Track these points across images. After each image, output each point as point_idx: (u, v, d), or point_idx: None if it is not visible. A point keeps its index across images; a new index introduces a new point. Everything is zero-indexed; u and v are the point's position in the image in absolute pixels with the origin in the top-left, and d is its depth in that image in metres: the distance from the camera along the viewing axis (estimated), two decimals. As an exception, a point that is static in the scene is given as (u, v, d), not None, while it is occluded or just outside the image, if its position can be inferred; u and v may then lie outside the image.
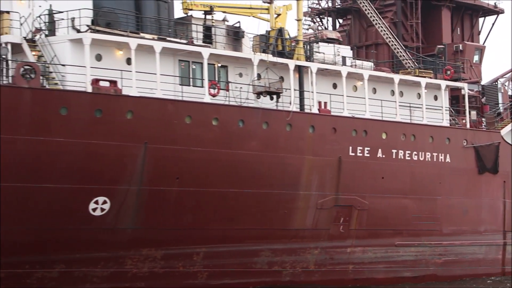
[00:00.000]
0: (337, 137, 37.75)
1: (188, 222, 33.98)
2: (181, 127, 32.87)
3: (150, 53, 33.22)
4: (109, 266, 32.95)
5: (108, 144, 31.19)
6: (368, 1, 50.81)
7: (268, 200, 35.82)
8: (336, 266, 38.81)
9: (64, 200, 31.02)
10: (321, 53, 39.08)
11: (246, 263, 36.15)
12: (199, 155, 33.37)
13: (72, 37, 31.81)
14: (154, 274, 34.03)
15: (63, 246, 31.66)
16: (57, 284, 32.15)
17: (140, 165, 32.04)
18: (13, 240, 30.54)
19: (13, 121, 29.35)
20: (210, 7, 38.64)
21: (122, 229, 32.61)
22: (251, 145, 34.87)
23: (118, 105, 31.31)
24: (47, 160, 30.21)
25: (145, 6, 36.62)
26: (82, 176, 31.07)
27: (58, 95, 30.20)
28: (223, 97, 35.08)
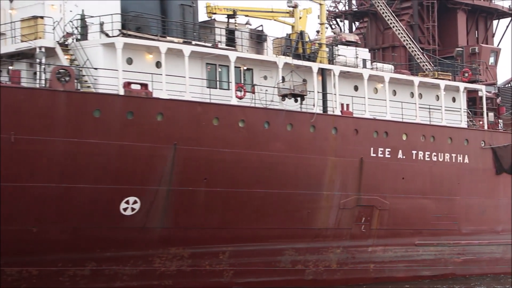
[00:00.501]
0: (359, 139, 38.56)
1: (215, 221, 34.79)
2: (209, 129, 33.69)
3: (179, 57, 34.04)
4: (138, 265, 33.77)
5: (139, 146, 32.02)
6: (385, 4, 51.60)
7: (292, 200, 36.61)
8: (357, 265, 39.60)
9: (97, 200, 31.86)
10: (342, 56, 39.80)
11: (270, 262, 36.94)
12: (226, 156, 34.19)
13: (105, 41, 32.67)
14: (182, 272, 34.83)
15: (95, 245, 32.49)
16: (88, 282, 32.97)
17: (170, 166, 32.86)
18: (48, 239, 31.42)
19: (49, 123, 30.23)
20: (233, 11, 39.51)
21: (151, 228, 33.43)
22: (276, 146, 35.67)
23: (148, 107, 32.16)
24: (81, 161, 31.06)
25: (170, 10, 37.48)
26: (114, 176, 31.91)
27: (92, 98, 31.07)
28: (249, 99, 35.89)
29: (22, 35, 32.84)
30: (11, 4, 35.03)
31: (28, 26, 32.74)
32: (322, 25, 40.21)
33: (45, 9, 33.78)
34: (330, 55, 39.15)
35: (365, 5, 54.75)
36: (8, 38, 34.71)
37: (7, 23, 34.44)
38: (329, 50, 39.25)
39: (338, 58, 39.42)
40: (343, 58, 39.66)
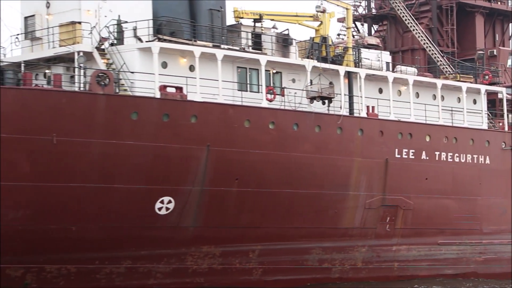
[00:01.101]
0: (384, 140, 39.49)
1: (245, 221, 35.76)
2: (240, 131, 34.67)
3: (211, 60, 35.04)
4: (172, 263, 34.76)
5: (174, 147, 33.02)
6: (405, 7, 52.48)
7: (319, 200, 37.57)
8: (382, 263, 40.53)
9: (133, 200, 32.87)
10: (367, 59, 40.76)
11: (298, 260, 37.90)
12: (257, 157, 35.16)
13: (141, 46, 33.70)
14: (213, 270, 35.83)
15: (130, 243, 33.51)
16: (123, 279, 33.98)
17: (203, 167, 33.84)
18: (86, 237, 32.46)
19: (88, 125, 31.28)
20: (260, 15, 40.48)
21: (184, 227, 34.43)
22: (304, 148, 36.63)
23: (183, 110, 33.17)
24: (118, 162, 32.08)
25: (199, 14, 38.52)
26: (150, 177, 32.91)
27: (130, 101, 32.10)
28: (278, 102, 36.87)
29: (61, 40, 33.89)
30: (47, 9, 36.08)
31: (67, 31, 33.80)
32: (349, 29, 41.19)
33: (81, 14, 34.81)
34: (356, 59, 40.05)
35: (384, 8, 55.68)
36: (45, 43, 35.91)
37: (44, 29, 35.61)
38: (355, 53, 40.15)
39: (363, 61, 40.33)
40: (368, 61, 40.60)
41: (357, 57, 39.92)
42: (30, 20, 36.48)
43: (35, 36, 35.89)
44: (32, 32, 36.05)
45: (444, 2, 54.58)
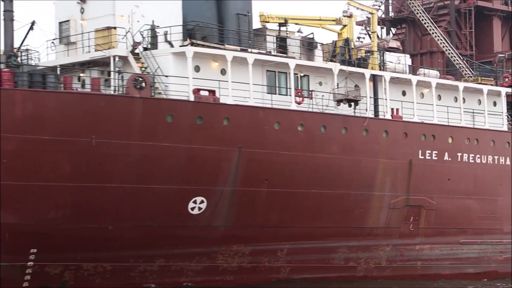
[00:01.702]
0: (408, 141, 40.41)
1: (274, 220, 36.71)
2: (270, 133, 35.65)
3: (241, 64, 36.03)
4: (203, 261, 35.76)
5: (207, 149, 34.00)
6: (424, 11, 53.37)
7: (346, 200, 38.52)
8: (406, 262, 41.46)
9: (167, 200, 33.86)
10: (391, 62, 41.69)
11: (325, 259, 38.88)
12: (286, 158, 36.11)
13: (175, 50, 34.72)
14: (242, 268, 36.80)
15: (164, 242, 34.49)
16: (156, 277, 35.00)
17: (234, 168, 34.81)
18: (121, 236, 33.46)
19: (126, 127, 32.29)
20: (285, 19, 41.50)
21: (216, 227, 35.41)
22: (331, 149, 37.57)
23: (216, 112, 34.17)
24: (154, 164, 33.08)
25: (227, 19, 39.56)
26: (183, 177, 33.90)
27: (165, 104, 33.11)
28: (306, 104, 37.84)
29: (97, 45, 34.94)
30: (82, 15, 37.15)
31: (102, 36, 34.84)
32: (374, 33, 42.17)
33: (115, 20, 35.88)
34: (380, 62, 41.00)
35: (403, 12, 56.56)
36: (79, 48, 36.95)
37: (79, 34, 36.63)
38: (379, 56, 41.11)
39: (388, 64, 41.28)
40: (392, 65, 41.53)
41: (382, 60, 40.82)
42: (65, 25, 37.56)
43: (69, 40, 37.00)
44: (67, 37, 37.14)
45: (462, 6, 55.52)
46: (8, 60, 32.64)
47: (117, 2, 35.98)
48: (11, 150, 30.67)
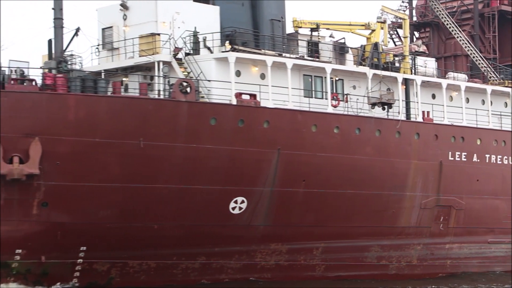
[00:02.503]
0: (438, 143, 41.64)
1: (311, 220, 37.95)
2: (308, 135, 36.90)
3: (279, 68, 37.28)
4: (242, 259, 37.03)
5: (248, 150, 35.26)
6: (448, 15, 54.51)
7: (379, 200, 39.73)
8: (436, 261, 42.70)
9: (209, 200, 35.13)
10: (422, 66, 42.91)
11: (358, 257, 40.14)
12: (322, 160, 37.36)
13: (217, 56, 36.02)
14: (279, 266, 38.05)
15: (205, 240, 35.77)
16: (198, 275, 36.27)
17: (273, 169, 36.06)
18: (166, 235, 34.74)
19: (172, 130, 33.59)
20: (317, 25, 42.73)
21: (255, 226, 36.66)
22: (366, 151, 38.81)
23: (257, 115, 35.43)
24: (198, 165, 34.35)
25: (262, 25, 40.90)
26: (225, 178, 35.17)
27: (209, 108, 34.39)
28: (341, 107, 39.10)
29: (141, 50, 36.23)
30: (124, 21, 38.47)
31: (147, 42, 36.13)
32: (406, 38, 43.40)
33: (158, 26, 37.18)
34: (412, 66, 42.25)
35: (427, 16, 57.71)
36: (122, 54, 38.26)
37: (122, 40, 37.95)
38: (411, 61, 42.36)
39: (419, 68, 42.51)
40: (422, 68, 42.75)
41: (413, 64, 42.05)
42: (108, 31, 38.86)
43: (113, 46, 38.32)
44: (110, 42, 38.47)
45: (485, 10, 56.66)
46: (59, 65, 34.04)
47: (159, 9, 37.27)
48: (64, 152, 32.04)
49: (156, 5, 37.27)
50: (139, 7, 37.91)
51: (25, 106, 31.58)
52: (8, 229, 32.05)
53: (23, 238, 32.27)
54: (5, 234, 32.02)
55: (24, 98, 31.60)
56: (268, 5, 41.23)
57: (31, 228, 32.27)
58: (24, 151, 31.50)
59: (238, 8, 40.86)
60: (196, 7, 38.67)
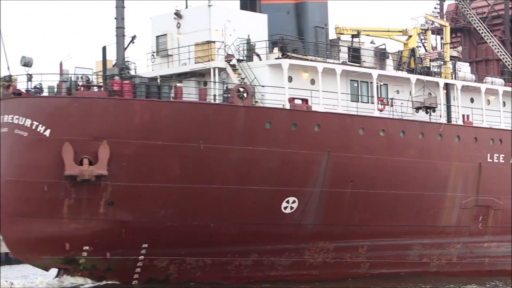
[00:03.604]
0: (478, 146, 43.24)
1: (357, 219, 39.57)
2: (355, 138, 38.56)
3: (328, 74, 38.96)
4: (292, 256, 38.66)
5: (299, 153, 36.95)
6: (480, 21, 56.02)
7: (421, 200, 41.35)
8: (474, 259, 44.29)
9: (263, 200, 36.81)
10: (461, 71, 44.53)
11: (401, 255, 41.75)
12: (369, 162, 39.00)
13: (271, 62, 37.78)
14: (326, 263, 39.69)
15: (258, 239, 37.43)
16: (250, 271, 37.96)
17: (323, 170, 37.74)
18: (221, 233, 36.44)
19: (229, 133, 35.35)
20: (357, 31, 44.39)
21: (305, 225, 38.31)
22: (409, 153, 40.44)
23: (308, 119, 37.14)
24: (253, 166, 36.07)
25: (306, 32, 42.65)
26: (278, 179, 36.84)
27: (265, 112, 36.14)
28: (387, 111, 40.79)
29: (197, 57, 37.99)
30: (178, 29, 40.26)
31: (202, 50, 37.92)
32: (446, 44, 45.05)
33: (211, 34, 38.95)
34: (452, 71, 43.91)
35: (460, 22, 59.23)
36: (175, 60, 40.03)
37: (176, 47, 39.68)
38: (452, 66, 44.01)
39: (459, 73, 44.17)
40: (462, 74, 44.39)
41: (454, 70, 43.71)
42: (162, 39, 40.63)
43: (168, 53, 40.10)
44: (165, 50, 40.22)
45: (516, 15, 58.13)
46: (122, 72, 35.89)
47: (212, 18, 39.05)
48: (130, 155, 33.88)
49: (209, 14, 39.04)
50: (192, 16, 39.70)
51: (94, 111, 33.49)
52: (77, 227, 34.01)
53: (90, 235, 34.17)
54: (74, 232, 33.97)
55: (94, 103, 33.53)
56: (312, 13, 43.00)
57: (98, 226, 34.16)
58: (93, 154, 33.39)
59: (284, 16, 42.67)
60: (246, 15, 40.49)
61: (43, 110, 33.50)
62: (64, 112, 33.44)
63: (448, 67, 43.80)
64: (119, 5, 36.52)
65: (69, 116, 33.35)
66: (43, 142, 33.27)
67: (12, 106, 33.72)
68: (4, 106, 33.93)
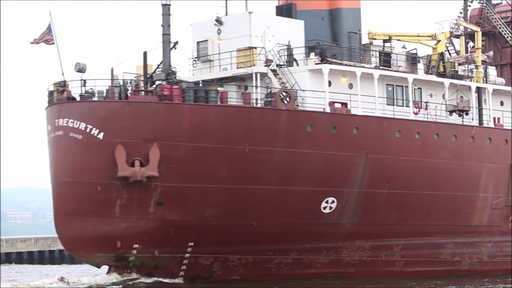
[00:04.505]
0: (508, 147, 44.45)
1: (393, 218, 40.88)
2: (392, 140, 39.90)
3: (365, 79, 40.30)
4: (329, 255, 40.02)
5: (339, 154, 38.30)
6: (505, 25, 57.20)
7: (454, 200, 42.65)
8: (504, 257, 45.52)
9: (304, 200, 38.17)
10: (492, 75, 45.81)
11: (434, 254, 43.07)
12: (405, 163, 40.32)
13: (311, 67, 39.17)
14: (362, 262, 41.02)
15: (298, 237, 38.76)
16: (289, 269, 39.30)
17: (361, 172, 39.08)
18: (263, 232, 37.79)
19: (273, 136, 36.74)
20: (389, 36, 45.73)
21: (343, 224, 39.65)
22: (443, 155, 41.74)
23: (348, 122, 38.50)
24: (295, 168, 37.45)
25: (341, 37, 44.01)
26: (319, 180, 38.20)
27: (306, 115, 37.53)
28: (421, 114, 42.12)
29: (239, 62, 39.40)
30: (218, 35, 41.68)
31: (244, 55, 39.32)
32: (478, 50, 46.33)
33: (251, 40, 40.35)
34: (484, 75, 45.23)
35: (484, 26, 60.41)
36: (216, 66, 41.42)
37: (218, 53, 41.06)
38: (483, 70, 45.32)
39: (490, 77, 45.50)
40: (492, 77, 45.68)
41: (485, 73, 45.01)
42: (202, 45, 42.06)
43: (208, 58, 41.53)
44: (206, 55, 41.66)
45: (541, 19, 59.30)
46: (168, 77, 37.33)
47: (253, 24, 40.46)
48: (179, 156, 35.30)
49: (250, 20, 40.44)
50: (233, 23, 41.10)
51: (145, 115, 34.95)
52: (128, 225, 35.45)
53: (140, 234, 35.58)
54: (125, 231, 35.41)
55: (145, 107, 34.99)
56: (346, 19, 44.36)
57: (147, 225, 35.58)
58: (144, 156, 34.83)
59: (319, 22, 44.05)
60: (284, 21, 41.86)
61: (97, 114, 35.02)
62: (117, 116, 34.95)
63: (480, 71, 45.06)
64: (165, 12, 37.92)
65: (121, 119, 34.85)
66: (96, 144, 34.78)
67: (67, 110, 35.26)
68: (59, 110, 35.46)
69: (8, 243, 67.71)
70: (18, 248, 67.69)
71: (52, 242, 69.13)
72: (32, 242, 69.29)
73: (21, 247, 67.89)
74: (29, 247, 68.25)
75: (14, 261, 66.57)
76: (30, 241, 69.72)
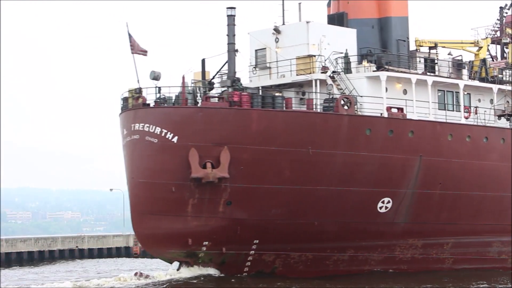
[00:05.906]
0: (548, 149, 46.34)
1: (444, 218, 42.86)
2: (445, 143, 41.87)
3: (418, 85, 42.26)
4: (383, 252, 42.03)
5: (395, 157, 40.31)
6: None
7: (501, 201, 44.51)
8: (548, 255, 47.40)
9: (361, 200, 40.21)
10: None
11: (482, 252, 45.01)
12: (456, 165, 42.29)
13: (369, 74, 41.23)
14: (414, 259, 43.01)
15: (355, 235, 40.81)
16: (346, 266, 41.36)
17: (415, 173, 41.05)
18: (323, 230, 39.87)
19: (334, 140, 38.81)
20: (435, 44, 47.67)
21: (397, 223, 41.65)
22: (492, 157, 43.65)
23: (404, 126, 40.51)
24: (354, 169, 39.50)
25: (390, 44, 46.04)
26: (376, 181, 40.21)
27: (366, 120, 39.58)
28: (471, 119, 44.08)
29: (299, 70, 41.48)
30: (276, 43, 43.74)
31: (304, 63, 41.41)
32: (522, 55, 48.26)
33: (309, 48, 42.45)
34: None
35: (523, 33, 62.17)
36: (274, 73, 43.49)
37: (276, 61, 43.06)
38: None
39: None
40: (534, 82, 47.56)
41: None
42: (260, 52, 44.16)
43: (267, 65, 43.62)
44: (264, 62, 43.73)
45: None
46: (234, 83, 39.47)
47: (310, 33, 42.55)
48: (247, 159, 37.41)
49: (307, 29, 42.56)
50: (291, 32, 43.22)
51: (216, 120, 37.11)
52: (198, 224, 37.59)
53: (210, 232, 37.72)
54: (196, 228, 37.57)
55: (216, 113, 37.15)
56: (395, 27, 46.42)
57: (217, 223, 37.71)
58: (215, 158, 36.97)
59: (369, 31, 46.15)
60: (338, 30, 44.05)
61: (171, 119, 37.23)
62: (190, 120, 37.17)
63: (526, 76, 47.04)
64: (231, 22, 40.10)
65: (194, 124, 37.06)
66: (171, 148, 36.99)
67: (142, 115, 37.49)
68: (135, 115, 37.70)
69: (8, 243, 67.42)
70: (18, 248, 67.41)
71: (52, 242, 69.87)
72: (32, 242, 69.11)
73: (21, 247, 67.65)
74: (29, 247, 68.13)
75: (14, 261, 65.73)
76: (30, 241, 69.45)
